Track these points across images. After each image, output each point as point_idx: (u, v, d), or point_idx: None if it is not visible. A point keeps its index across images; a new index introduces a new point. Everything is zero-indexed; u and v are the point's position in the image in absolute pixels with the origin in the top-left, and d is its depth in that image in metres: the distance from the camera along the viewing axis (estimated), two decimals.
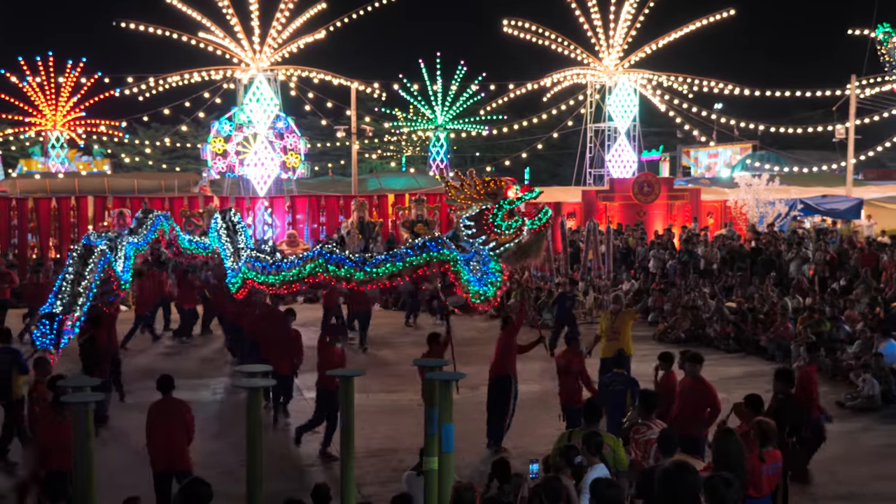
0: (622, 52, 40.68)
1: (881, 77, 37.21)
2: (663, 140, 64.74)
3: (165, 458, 9.99)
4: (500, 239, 11.87)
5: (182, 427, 10.08)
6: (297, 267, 12.74)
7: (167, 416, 10.10)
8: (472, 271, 11.73)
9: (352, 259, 12.21)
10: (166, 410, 10.16)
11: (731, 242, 28.22)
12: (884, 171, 53.34)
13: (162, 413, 10.14)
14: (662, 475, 4.76)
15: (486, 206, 11.85)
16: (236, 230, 16.11)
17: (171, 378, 10.53)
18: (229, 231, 16.11)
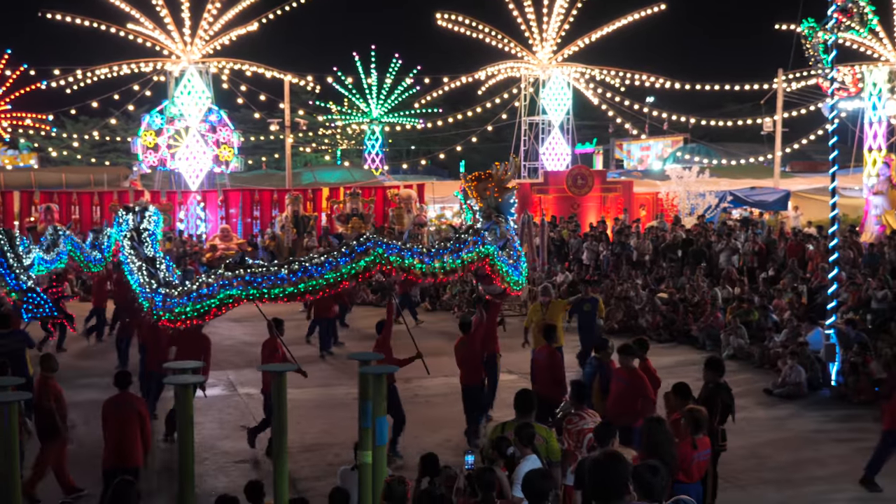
0: (555, 46, 40.95)
1: (807, 71, 38.00)
2: (597, 133, 65.42)
3: (116, 455, 9.88)
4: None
5: (136, 423, 10.00)
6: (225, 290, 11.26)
7: (122, 412, 10.01)
8: (508, 260, 12.28)
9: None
10: (121, 406, 10.09)
11: (662, 234, 28.63)
12: (810, 164, 54.66)
13: (117, 408, 10.07)
14: (592, 465, 4.82)
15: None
16: (142, 240, 13.10)
17: (128, 374, 10.53)
18: (134, 243, 13.12)
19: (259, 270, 11.08)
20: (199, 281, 11.33)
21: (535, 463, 8.04)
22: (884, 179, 29.49)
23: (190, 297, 11.19)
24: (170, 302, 11.37)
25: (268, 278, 11.01)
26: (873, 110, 31.57)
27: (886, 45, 39.11)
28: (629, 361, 11.16)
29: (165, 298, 11.41)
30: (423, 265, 11.68)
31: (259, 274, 11.02)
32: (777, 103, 40.63)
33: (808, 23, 18.12)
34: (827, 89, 20.77)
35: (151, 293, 11.67)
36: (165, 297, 11.43)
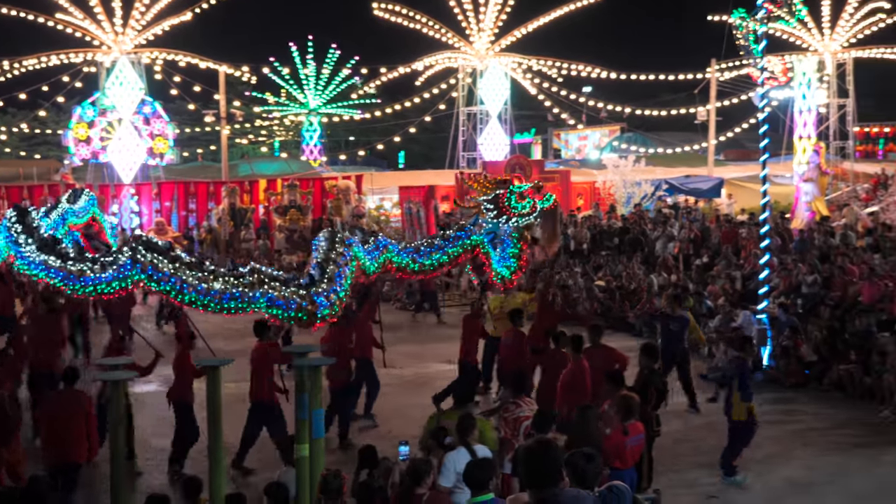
0: (493, 37, 41.02)
1: (738, 61, 38.63)
2: (535, 123, 65.73)
3: (59, 451, 9.80)
4: (512, 216, 12.62)
5: (82, 418, 9.91)
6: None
7: (68, 407, 9.94)
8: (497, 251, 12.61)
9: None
10: (67, 401, 10.01)
11: (599, 223, 28.92)
12: (743, 152, 55.55)
13: (62, 403, 10.01)
14: (525, 452, 4.86)
15: (498, 191, 12.56)
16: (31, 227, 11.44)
17: (76, 370, 10.41)
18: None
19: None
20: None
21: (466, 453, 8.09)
22: (813, 167, 30.07)
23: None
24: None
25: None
26: (803, 99, 32.13)
27: (815, 35, 39.97)
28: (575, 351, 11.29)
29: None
30: (416, 264, 12.10)
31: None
32: (710, 93, 41.27)
33: (739, 13, 18.37)
34: (757, 79, 21.15)
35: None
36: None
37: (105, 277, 10.05)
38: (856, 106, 42.06)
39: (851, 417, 13.96)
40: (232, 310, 10.04)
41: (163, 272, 9.95)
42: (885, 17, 39.95)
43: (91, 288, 10.11)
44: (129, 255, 9.97)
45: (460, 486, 7.93)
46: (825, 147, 34.46)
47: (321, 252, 10.81)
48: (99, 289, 10.11)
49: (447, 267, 12.95)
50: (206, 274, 9.97)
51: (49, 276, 10.38)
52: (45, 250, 10.61)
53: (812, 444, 12.73)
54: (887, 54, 41.41)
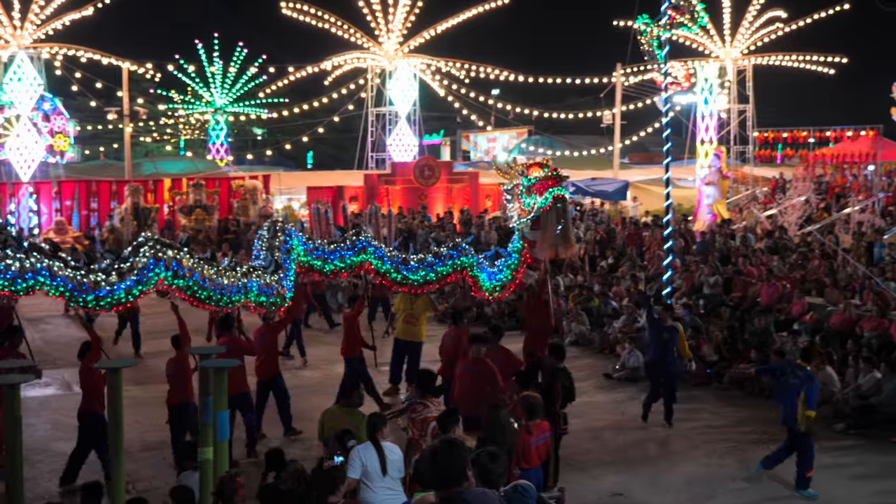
0: (401, 38, 40.97)
1: (643, 66, 39.39)
2: (444, 124, 65.97)
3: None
4: (523, 214, 12.15)
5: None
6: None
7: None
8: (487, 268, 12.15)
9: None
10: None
11: (506, 224, 29.12)
12: (647, 155, 56.64)
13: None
14: (429, 453, 4.85)
15: (514, 181, 12.22)
16: None
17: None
18: None
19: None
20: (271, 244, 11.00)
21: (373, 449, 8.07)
22: (715, 170, 30.80)
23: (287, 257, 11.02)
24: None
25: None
26: (705, 104, 32.94)
27: (717, 42, 41.02)
28: (478, 350, 11.33)
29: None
30: (399, 275, 11.67)
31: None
32: (616, 97, 41.96)
33: (643, 19, 18.71)
34: (661, 84, 21.58)
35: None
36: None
37: (125, 285, 9.50)
38: (755, 111, 43.28)
39: (750, 415, 14.32)
40: (235, 302, 10.21)
41: (186, 268, 9.81)
42: (783, 26, 41.24)
43: (109, 299, 9.47)
44: (151, 254, 9.60)
45: (366, 482, 7.91)
46: (726, 151, 35.35)
47: (264, 241, 10.92)
48: (115, 298, 9.50)
49: (433, 286, 12.23)
50: (218, 268, 10.11)
51: (53, 286, 9.34)
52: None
53: (713, 441, 13.02)
54: (785, 61, 42.75)
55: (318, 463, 8.24)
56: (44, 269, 9.18)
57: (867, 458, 12.39)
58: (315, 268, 11.50)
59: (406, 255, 11.86)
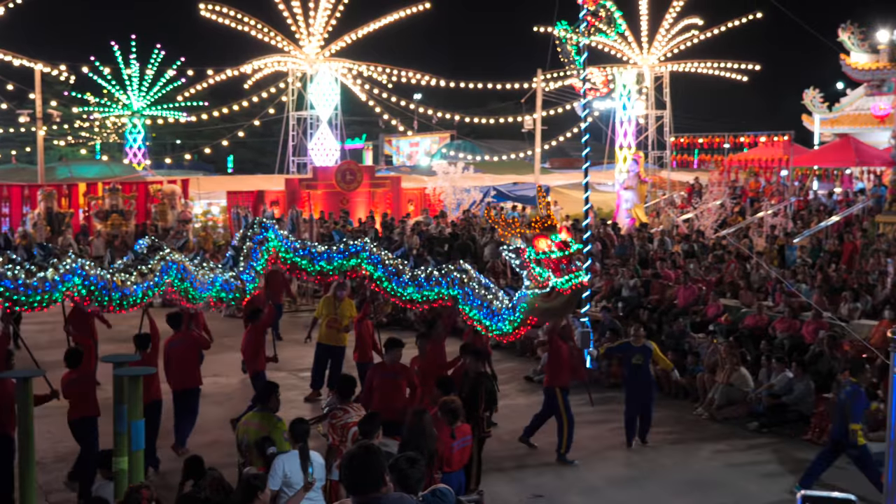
0: (322, 41, 40.75)
1: (563, 72, 39.85)
2: (366, 129, 65.77)
3: None
4: (534, 282, 10.97)
5: None
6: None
7: None
8: (483, 308, 11.30)
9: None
10: None
11: (427, 228, 29.19)
12: (568, 160, 57.32)
13: None
14: (347, 458, 4.82)
15: (521, 245, 11.07)
16: None
17: None
18: None
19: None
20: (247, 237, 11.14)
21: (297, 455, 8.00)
22: (633, 175, 31.38)
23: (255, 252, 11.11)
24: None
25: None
26: (623, 110, 33.49)
27: (634, 49, 41.70)
28: (394, 355, 11.33)
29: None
30: (390, 285, 11.39)
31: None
32: (536, 102, 42.35)
33: (562, 25, 18.92)
34: (579, 89, 21.85)
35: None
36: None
37: (143, 287, 9.80)
38: (672, 117, 44.11)
39: (668, 415, 14.58)
40: (205, 298, 10.59)
41: (189, 272, 10.32)
42: (699, 34, 42.12)
43: (132, 299, 9.69)
44: (161, 258, 9.99)
45: (287, 491, 7.83)
46: (644, 156, 36.00)
47: (240, 235, 11.28)
48: (132, 300, 9.74)
49: (418, 306, 11.88)
50: (206, 269, 10.59)
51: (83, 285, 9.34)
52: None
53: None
54: (701, 68, 43.66)
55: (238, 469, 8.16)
56: (78, 268, 9.33)
57: (780, 456, 12.71)
58: (300, 266, 11.36)
59: (401, 268, 11.49)
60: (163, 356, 12.58)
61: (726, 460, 12.60)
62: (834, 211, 28.53)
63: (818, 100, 40.42)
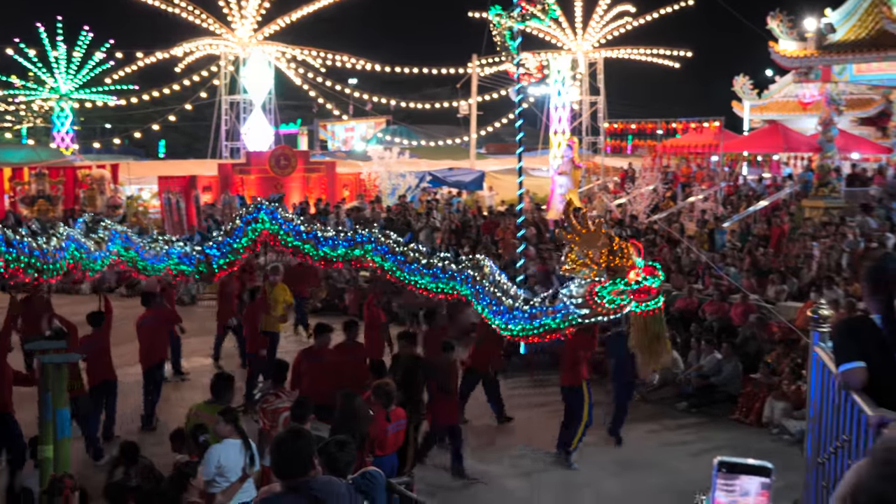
0: (256, 25, 40.26)
1: (498, 57, 39.89)
2: (301, 114, 65.21)
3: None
4: (596, 309, 9.96)
5: None
6: None
7: None
8: (493, 305, 10.75)
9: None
10: None
11: (362, 214, 29.06)
12: (503, 146, 57.48)
13: None
14: (275, 442, 4.80)
15: (599, 278, 9.82)
16: None
17: None
18: None
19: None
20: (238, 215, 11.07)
21: (233, 445, 7.91)
22: (567, 161, 31.51)
23: (238, 230, 10.95)
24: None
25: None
26: (558, 96, 33.64)
27: (568, 35, 41.97)
28: (325, 340, 11.29)
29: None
30: (402, 273, 11.04)
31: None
32: (472, 87, 42.38)
33: (496, 10, 18.91)
34: (513, 75, 21.91)
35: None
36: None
37: (100, 255, 9.92)
38: (606, 103, 44.52)
39: (598, 399, 14.69)
40: (161, 270, 10.68)
41: (133, 241, 10.59)
42: (632, 20, 42.56)
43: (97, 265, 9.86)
44: (104, 227, 10.20)
45: (218, 481, 7.74)
46: (578, 142, 36.24)
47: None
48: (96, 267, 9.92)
49: (432, 294, 11.30)
50: (162, 242, 10.78)
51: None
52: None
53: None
54: (633, 55, 44.12)
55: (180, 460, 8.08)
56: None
57: (709, 435, 12.94)
58: (302, 250, 11.08)
59: (412, 255, 11.11)
60: (136, 334, 13.16)
61: (658, 440, 12.80)
62: (762, 196, 29.08)
63: (748, 87, 41.11)
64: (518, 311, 10.47)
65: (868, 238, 20.10)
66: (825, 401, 4.91)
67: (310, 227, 11.05)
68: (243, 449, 7.89)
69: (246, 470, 7.73)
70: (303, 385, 10.73)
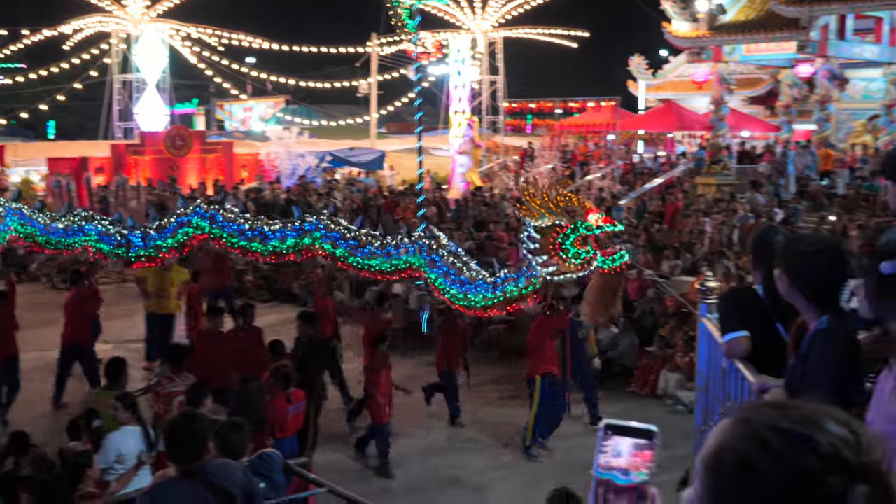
0: (149, 1, 39.25)
1: (397, 36, 39.78)
2: (197, 93, 63.86)
3: None
4: (563, 266, 9.47)
5: None
6: None
7: None
8: (451, 276, 10.29)
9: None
10: None
11: (262, 195, 28.72)
12: (404, 125, 57.45)
13: None
14: (168, 426, 4.72)
15: (560, 221, 9.37)
16: None
17: None
18: None
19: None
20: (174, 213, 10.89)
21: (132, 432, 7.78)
22: (467, 140, 31.66)
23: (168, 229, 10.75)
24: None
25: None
26: (458, 75, 33.71)
27: (468, 14, 42.07)
28: (216, 321, 11.19)
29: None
30: (355, 258, 10.56)
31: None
32: (371, 67, 42.17)
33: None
34: (412, 54, 21.88)
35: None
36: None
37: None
38: (506, 83, 44.81)
39: (502, 374, 14.87)
40: (74, 245, 10.66)
41: (28, 217, 10.74)
42: (530, 1, 42.87)
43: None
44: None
45: (116, 468, 7.60)
46: (478, 121, 36.42)
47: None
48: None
49: (388, 276, 11.19)
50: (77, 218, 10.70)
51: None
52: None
53: (472, 400, 13.41)
54: (532, 34, 44.49)
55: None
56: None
57: (605, 408, 13.14)
58: (251, 249, 10.67)
59: (365, 238, 10.69)
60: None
61: None
62: (657, 173, 29.70)
63: (643, 66, 41.83)
64: (480, 280, 10.19)
65: (757, 213, 20.75)
66: (712, 370, 5.06)
67: (254, 223, 10.70)
68: (142, 435, 7.75)
69: (142, 457, 7.59)
70: (200, 368, 10.55)
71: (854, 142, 30.85)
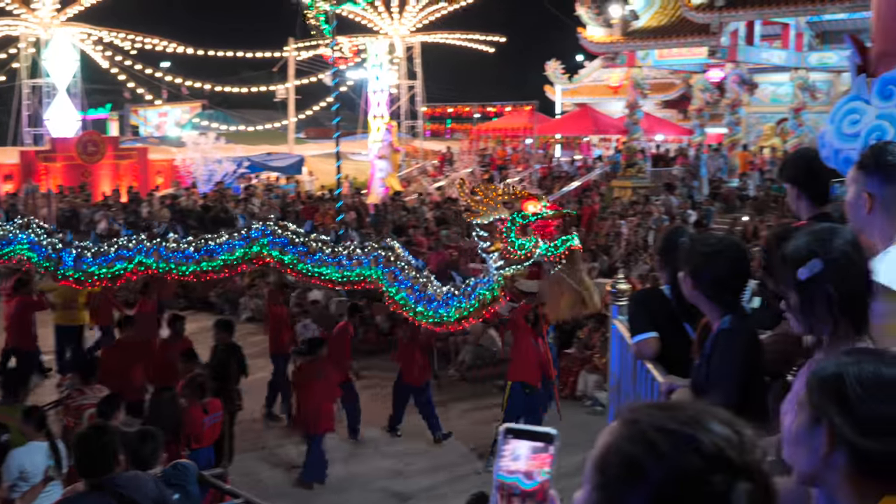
0: (59, 4, 38.29)
1: (314, 41, 39.58)
2: (111, 98, 62.53)
3: None
4: (510, 258, 9.23)
5: None
6: None
7: None
8: (414, 291, 9.72)
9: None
10: None
11: (178, 201, 28.30)
12: (323, 130, 57.17)
13: None
14: (76, 440, 4.62)
15: (500, 216, 9.26)
16: None
17: None
18: None
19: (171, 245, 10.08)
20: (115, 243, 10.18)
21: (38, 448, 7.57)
22: (386, 145, 31.68)
23: (106, 258, 10.08)
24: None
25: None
26: (376, 80, 33.68)
27: (385, 19, 42.02)
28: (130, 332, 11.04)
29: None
30: (305, 266, 9.94)
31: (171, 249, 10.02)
32: (289, 71, 41.87)
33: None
34: (328, 58, 21.79)
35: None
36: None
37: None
38: (424, 87, 44.89)
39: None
40: (9, 254, 10.29)
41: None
42: (447, 5, 42.99)
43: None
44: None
45: (20, 485, 7.39)
46: (397, 126, 36.43)
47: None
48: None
49: (339, 286, 10.76)
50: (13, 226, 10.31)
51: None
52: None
53: (387, 404, 13.38)
54: (450, 39, 44.66)
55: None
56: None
57: None
58: (202, 270, 10.04)
59: (315, 245, 10.04)
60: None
61: (474, 418, 13.02)
62: (574, 177, 30.09)
63: (559, 71, 42.34)
64: (449, 294, 9.65)
65: (671, 215, 21.18)
66: (623, 370, 5.15)
67: (199, 242, 10.10)
68: (50, 450, 7.54)
69: (49, 472, 7.39)
70: (110, 380, 10.33)
71: (763, 145, 31.74)
